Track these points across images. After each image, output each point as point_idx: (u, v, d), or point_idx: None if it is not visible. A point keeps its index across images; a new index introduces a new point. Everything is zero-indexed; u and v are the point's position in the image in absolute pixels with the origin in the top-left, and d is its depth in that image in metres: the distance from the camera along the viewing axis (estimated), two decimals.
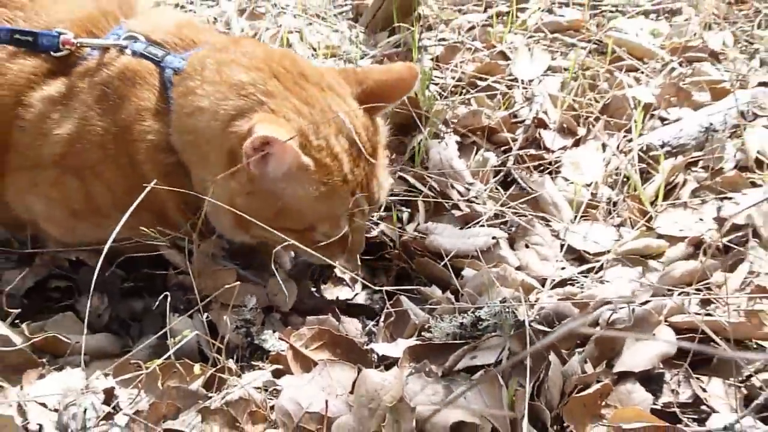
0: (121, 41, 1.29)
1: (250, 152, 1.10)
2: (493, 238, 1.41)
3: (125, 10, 1.40)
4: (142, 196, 1.11)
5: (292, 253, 1.43)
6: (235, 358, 1.19)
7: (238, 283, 1.26)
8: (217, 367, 1.14)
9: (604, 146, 1.66)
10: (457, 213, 1.53)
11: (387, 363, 1.15)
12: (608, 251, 1.39)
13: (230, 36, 1.47)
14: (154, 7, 1.59)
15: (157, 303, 1.24)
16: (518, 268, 1.36)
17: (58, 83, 1.29)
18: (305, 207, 1.19)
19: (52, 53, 1.29)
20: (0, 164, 1.33)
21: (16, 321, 1.27)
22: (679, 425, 1.00)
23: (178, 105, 1.24)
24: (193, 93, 1.23)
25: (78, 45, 1.29)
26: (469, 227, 1.49)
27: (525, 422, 0.98)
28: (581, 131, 1.72)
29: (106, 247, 1.12)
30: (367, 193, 1.24)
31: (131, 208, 1.11)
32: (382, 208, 1.47)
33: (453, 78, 1.90)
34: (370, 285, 1.29)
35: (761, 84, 1.80)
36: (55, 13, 1.34)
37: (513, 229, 1.47)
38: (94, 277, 1.14)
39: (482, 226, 1.48)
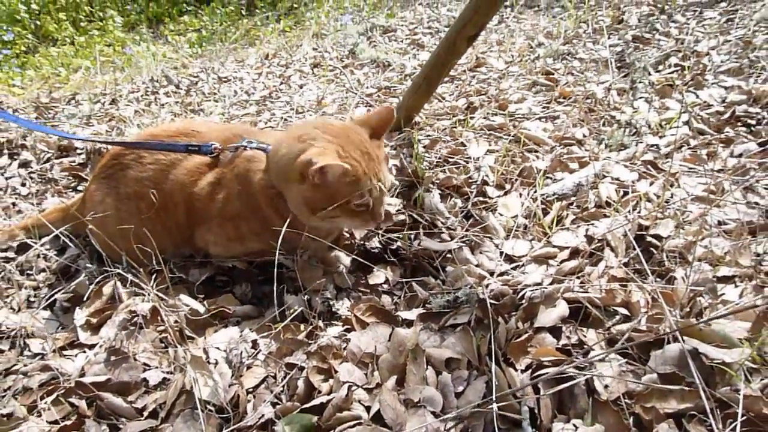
0: (244, 143, 1.32)
1: (314, 173, 1.10)
2: (461, 247, 1.40)
3: (245, 131, 1.41)
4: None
5: (348, 261, 1.39)
6: (322, 320, 1.18)
7: (324, 278, 1.26)
8: (313, 325, 1.14)
9: (521, 195, 1.64)
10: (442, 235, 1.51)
11: (407, 323, 1.14)
12: (526, 255, 1.37)
13: None
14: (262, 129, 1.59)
15: (278, 288, 1.24)
16: (477, 266, 1.34)
17: (214, 172, 1.31)
18: (345, 191, 1.16)
19: (209, 156, 1.31)
20: (191, 220, 1.33)
21: (201, 300, 1.28)
22: (571, 357, 0.99)
23: (270, 158, 1.24)
24: (277, 146, 1.24)
25: (221, 149, 1.32)
26: (448, 242, 1.47)
27: (493, 357, 0.97)
28: (508, 187, 1.70)
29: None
30: (377, 179, 1.21)
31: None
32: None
33: (435, 157, 1.89)
34: (393, 276, 1.27)
35: (606, 158, 1.78)
36: (209, 138, 1.36)
37: (472, 243, 1.45)
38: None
39: (456, 241, 1.46)
